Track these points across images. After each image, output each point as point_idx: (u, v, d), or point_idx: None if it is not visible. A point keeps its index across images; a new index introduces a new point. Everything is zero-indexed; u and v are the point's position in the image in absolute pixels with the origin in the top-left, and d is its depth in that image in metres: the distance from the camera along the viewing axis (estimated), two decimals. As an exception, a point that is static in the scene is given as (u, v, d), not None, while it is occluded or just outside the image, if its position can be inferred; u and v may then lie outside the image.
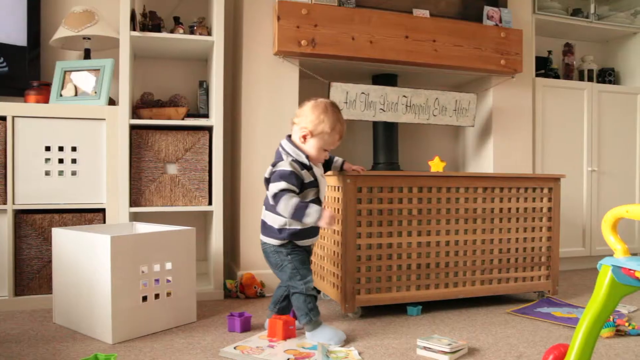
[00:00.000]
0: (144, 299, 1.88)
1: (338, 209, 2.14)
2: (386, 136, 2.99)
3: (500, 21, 2.98)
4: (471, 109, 2.92)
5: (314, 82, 2.75)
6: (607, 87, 3.48)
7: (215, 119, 2.47)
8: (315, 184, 1.85)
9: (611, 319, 1.97)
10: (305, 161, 1.84)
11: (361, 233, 2.11)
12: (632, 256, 1.37)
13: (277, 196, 1.76)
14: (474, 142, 3.27)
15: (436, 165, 2.47)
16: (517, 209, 2.41)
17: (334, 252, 2.18)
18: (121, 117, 2.36)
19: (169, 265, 1.98)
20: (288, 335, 1.82)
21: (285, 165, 1.80)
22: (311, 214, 1.74)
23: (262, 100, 2.61)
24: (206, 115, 2.64)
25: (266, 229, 1.88)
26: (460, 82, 3.29)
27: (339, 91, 2.61)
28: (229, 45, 2.87)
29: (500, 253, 2.38)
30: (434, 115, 2.84)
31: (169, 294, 1.97)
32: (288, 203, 1.74)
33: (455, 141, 3.48)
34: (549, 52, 3.57)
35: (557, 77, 3.51)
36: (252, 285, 2.47)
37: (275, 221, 1.84)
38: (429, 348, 1.68)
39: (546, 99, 3.27)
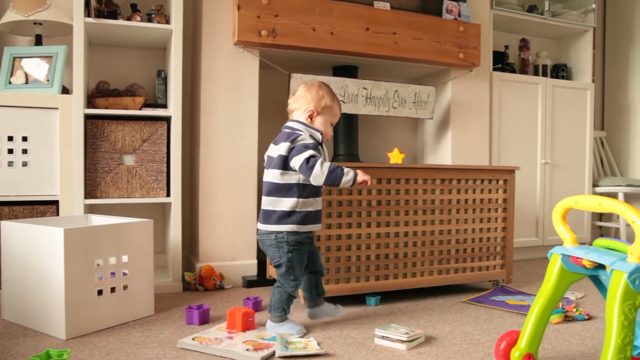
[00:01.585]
0: (100, 292, 1.84)
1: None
2: (346, 128, 3.00)
3: (460, 15, 3.03)
4: (430, 102, 2.96)
5: (274, 73, 2.73)
6: (560, 83, 3.60)
7: (174, 109, 2.43)
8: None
9: (560, 306, 2.05)
10: (319, 138, 1.86)
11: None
12: (580, 245, 1.43)
13: (309, 162, 1.74)
14: (433, 134, 3.32)
15: (395, 157, 2.50)
16: (474, 200, 2.47)
17: (294, 243, 2.18)
18: (75, 107, 2.28)
19: (125, 258, 1.94)
20: (247, 326, 1.81)
21: (307, 139, 1.80)
22: (349, 171, 1.76)
23: (222, 91, 2.58)
24: (164, 106, 2.59)
25: (270, 216, 1.82)
26: (419, 74, 3.33)
27: (300, 82, 2.59)
28: (188, 34, 2.82)
29: (457, 243, 2.43)
30: (394, 108, 2.87)
31: (125, 288, 1.94)
32: (324, 166, 1.73)
33: (414, 133, 3.53)
34: (506, 46, 3.65)
35: (513, 71, 3.60)
36: (211, 277, 2.45)
37: (284, 204, 1.80)
38: (387, 337, 1.71)
39: (502, 93, 3.35)
